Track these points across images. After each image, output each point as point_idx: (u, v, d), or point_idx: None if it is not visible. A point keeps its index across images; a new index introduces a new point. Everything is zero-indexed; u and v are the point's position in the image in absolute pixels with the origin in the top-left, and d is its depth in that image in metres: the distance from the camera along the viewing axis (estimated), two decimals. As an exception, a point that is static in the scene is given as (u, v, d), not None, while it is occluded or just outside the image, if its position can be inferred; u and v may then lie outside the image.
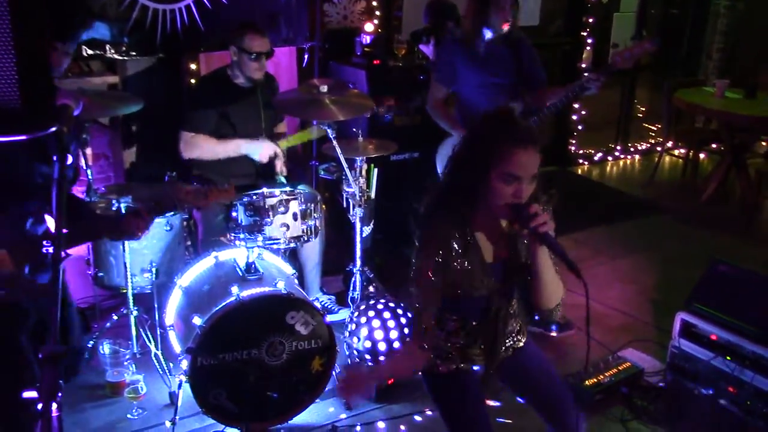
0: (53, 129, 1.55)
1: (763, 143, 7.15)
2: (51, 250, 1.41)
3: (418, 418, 3.54)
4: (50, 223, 2.71)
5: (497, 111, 2.26)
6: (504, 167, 2.11)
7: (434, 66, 4.18)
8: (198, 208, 2.94)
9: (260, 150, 4.01)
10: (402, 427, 3.48)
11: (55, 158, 1.49)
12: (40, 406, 1.21)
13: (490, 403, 3.23)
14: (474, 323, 2.41)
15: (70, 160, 1.56)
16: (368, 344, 3.59)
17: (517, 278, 2.38)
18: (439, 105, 4.13)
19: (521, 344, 2.56)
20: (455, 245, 2.24)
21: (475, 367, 2.49)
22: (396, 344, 3.59)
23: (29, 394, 1.22)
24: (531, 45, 4.10)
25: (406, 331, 3.63)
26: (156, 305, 3.73)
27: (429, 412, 3.57)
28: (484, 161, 2.14)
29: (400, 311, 3.67)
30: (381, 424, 3.49)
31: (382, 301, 3.72)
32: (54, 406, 1.24)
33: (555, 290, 2.31)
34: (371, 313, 3.64)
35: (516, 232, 2.29)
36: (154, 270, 3.68)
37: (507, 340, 2.51)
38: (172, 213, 2.92)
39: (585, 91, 3.79)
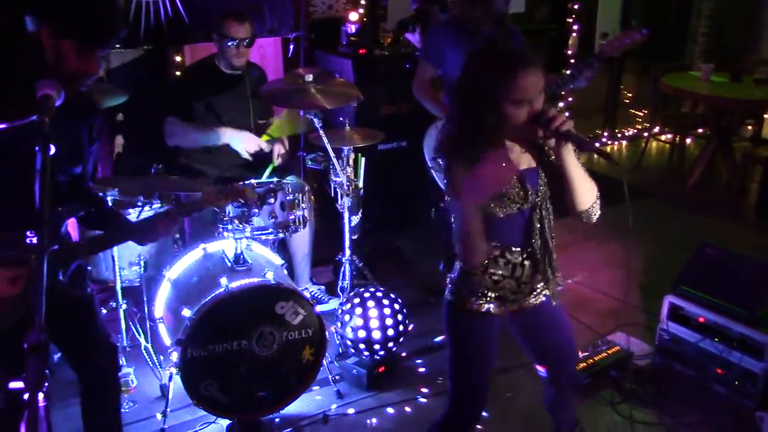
0: (33, 118, 1.54)
1: (749, 127, 7.18)
2: (35, 240, 1.40)
3: (408, 407, 3.55)
4: (72, 227, 2.72)
5: (485, 48, 2.27)
6: (513, 95, 2.15)
7: (423, 46, 4.17)
8: (219, 208, 2.93)
9: (242, 142, 3.98)
10: (396, 414, 3.49)
11: (37, 149, 1.49)
12: (26, 396, 1.21)
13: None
14: (515, 249, 2.39)
15: (52, 150, 1.54)
16: (359, 333, 3.60)
17: (552, 181, 2.36)
18: (425, 86, 4.12)
19: (557, 287, 2.52)
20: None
21: (498, 310, 2.46)
22: (385, 333, 3.60)
23: (15, 385, 1.21)
24: (520, 31, 4.10)
25: (397, 318, 3.64)
26: (145, 298, 3.73)
27: (422, 400, 3.59)
28: (492, 97, 2.16)
29: (389, 299, 3.67)
30: (377, 412, 3.50)
31: (372, 290, 3.72)
32: (41, 396, 1.24)
33: (589, 189, 2.33)
34: (361, 302, 3.65)
35: (540, 139, 2.30)
36: (142, 263, 3.67)
37: (549, 274, 2.46)
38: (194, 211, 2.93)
39: (575, 79, 3.79)
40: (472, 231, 2.25)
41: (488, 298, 2.42)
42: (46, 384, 1.26)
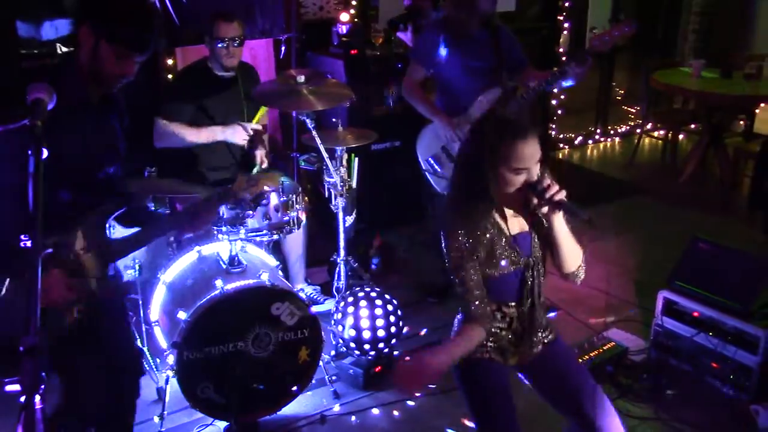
0: (25, 122, 1.54)
1: (740, 122, 7.21)
2: (29, 243, 1.40)
3: (405, 406, 3.56)
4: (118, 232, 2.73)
5: (487, 115, 2.41)
6: (511, 164, 2.26)
7: (414, 47, 4.17)
8: (252, 196, 2.96)
9: (237, 134, 3.98)
10: (393, 414, 3.50)
11: (30, 152, 1.49)
12: (23, 398, 1.21)
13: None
14: (511, 304, 2.46)
15: (45, 154, 1.54)
16: (354, 333, 3.61)
17: (543, 244, 2.47)
18: (416, 87, 4.13)
19: (550, 339, 2.60)
20: (479, 232, 2.36)
21: (500, 360, 2.51)
22: (380, 333, 3.61)
23: (12, 387, 1.21)
24: (510, 31, 4.12)
25: (392, 318, 3.65)
26: (140, 301, 3.72)
27: (416, 401, 3.59)
28: (491, 163, 2.27)
29: (384, 300, 3.68)
30: (374, 411, 3.50)
31: (367, 290, 3.73)
32: (37, 398, 1.24)
33: (576, 253, 2.47)
34: (357, 303, 3.65)
35: (533, 206, 2.38)
36: (137, 266, 3.65)
37: (539, 332, 2.54)
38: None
39: (565, 75, 3.79)
40: (471, 297, 2.36)
41: (489, 348, 2.48)
42: (43, 386, 1.26)
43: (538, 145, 2.29)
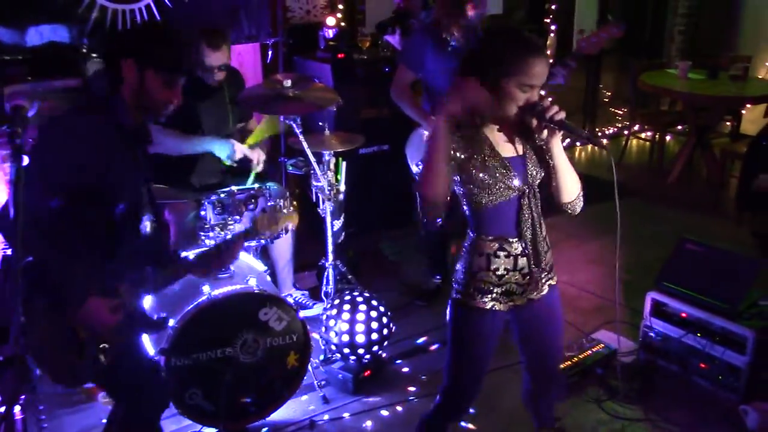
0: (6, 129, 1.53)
1: (727, 123, 7.24)
2: (9, 252, 1.39)
3: (394, 410, 3.55)
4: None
5: (505, 27, 2.34)
6: (522, 78, 2.24)
7: (402, 50, 4.17)
8: (271, 235, 2.96)
9: (228, 151, 3.95)
10: (383, 418, 3.49)
11: (10, 160, 1.47)
12: (2, 409, 1.20)
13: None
14: (512, 240, 2.41)
15: (26, 161, 1.53)
16: (344, 338, 3.59)
17: (540, 167, 2.43)
18: (405, 91, 4.12)
19: (554, 281, 2.58)
20: (480, 156, 2.33)
21: (505, 306, 2.48)
22: (370, 337, 3.60)
23: (-9, 399, 1.20)
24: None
25: (382, 322, 3.64)
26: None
27: (405, 404, 3.58)
28: (498, 76, 2.24)
29: (373, 304, 3.67)
30: (363, 416, 3.49)
31: (356, 294, 3.72)
32: (17, 409, 1.22)
33: (574, 181, 2.45)
34: (345, 307, 3.64)
35: (532, 127, 2.36)
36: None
37: (544, 270, 2.51)
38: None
39: (552, 79, 3.80)
40: (438, 149, 2.23)
41: (495, 294, 2.45)
42: (23, 397, 1.25)
43: (547, 67, 2.29)
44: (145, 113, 2.49)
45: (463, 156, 2.32)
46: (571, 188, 2.44)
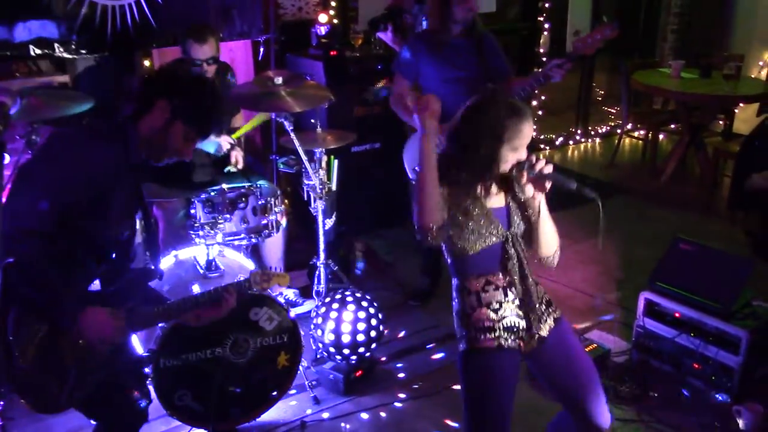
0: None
1: (720, 122, 7.23)
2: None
3: (386, 411, 3.52)
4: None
5: (490, 96, 2.44)
6: (514, 141, 2.36)
7: (397, 59, 4.15)
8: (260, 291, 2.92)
9: (215, 144, 3.92)
10: (375, 418, 3.46)
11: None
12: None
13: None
14: (500, 275, 2.42)
15: (7, 159, 1.49)
16: (334, 337, 3.56)
17: (522, 216, 2.48)
18: (401, 99, 4.10)
19: (558, 315, 2.55)
20: (464, 205, 2.39)
21: (512, 344, 2.42)
22: (360, 337, 3.56)
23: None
24: (494, 39, 4.08)
25: (373, 322, 3.60)
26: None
27: (399, 404, 3.56)
28: (496, 140, 2.35)
29: (365, 303, 3.64)
30: (355, 416, 3.47)
31: (347, 293, 3.69)
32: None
33: (553, 235, 2.53)
34: (337, 306, 3.61)
35: (520, 182, 2.42)
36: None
37: (541, 305, 2.50)
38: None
39: (549, 79, 3.79)
40: (430, 175, 2.29)
41: (498, 331, 2.41)
42: (2, 403, 1.21)
43: (532, 126, 2.42)
44: (151, 151, 2.48)
45: (448, 202, 2.36)
46: (550, 242, 2.52)
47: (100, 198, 2.34)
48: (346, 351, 3.58)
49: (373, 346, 3.65)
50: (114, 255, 2.52)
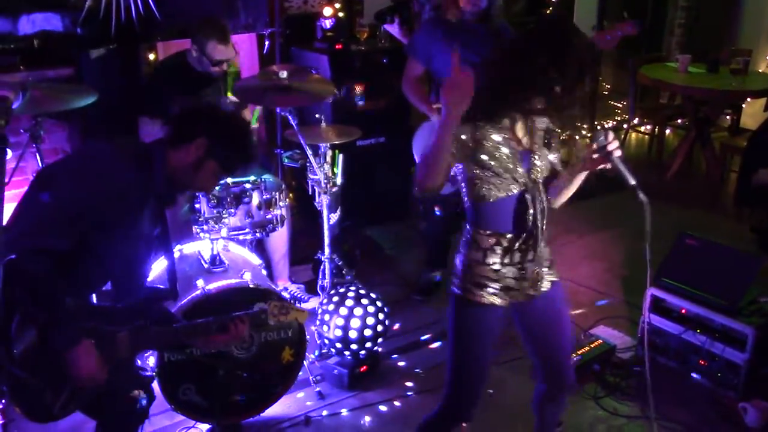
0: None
1: (727, 117, 7.19)
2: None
3: (391, 406, 3.51)
4: None
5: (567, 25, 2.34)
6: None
7: (410, 42, 4.12)
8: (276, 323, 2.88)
9: None
10: (379, 414, 3.45)
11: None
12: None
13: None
14: (509, 235, 2.37)
15: (10, 154, 1.48)
16: (339, 332, 3.55)
17: (546, 163, 2.43)
18: (414, 84, 4.07)
19: (555, 278, 2.55)
20: (490, 144, 2.29)
21: (503, 301, 2.43)
22: (365, 332, 3.55)
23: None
24: (511, 30, 4.05)
25: (378, 317, 3.59)
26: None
27: (402, 399, 3.55)
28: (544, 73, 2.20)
29: (370, 298, 3.63)
30: (359, 412, 3.46)
31: (352, 288, 3.68)
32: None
33: (568, 196, 2.54)
34: (341, 301, 3.60)
35: (580, 149, 2.44)
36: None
37: (542, 268, 2.48)
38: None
39: None
40: (445, 143, 2.15)
41: (492, 289, 2.41)
42: (3, 401, 1.21)
43: None
44: (176, 182, 2.49)
45: (472, 142, 2.26)
46: (562, 199, 2.53)
47: (117, 221, 2.32)
48: (350, 346, 3.57)
49: (378, 341, 3.64)
50: (124, 275, 2.51)
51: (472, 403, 2.57)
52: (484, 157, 2.28)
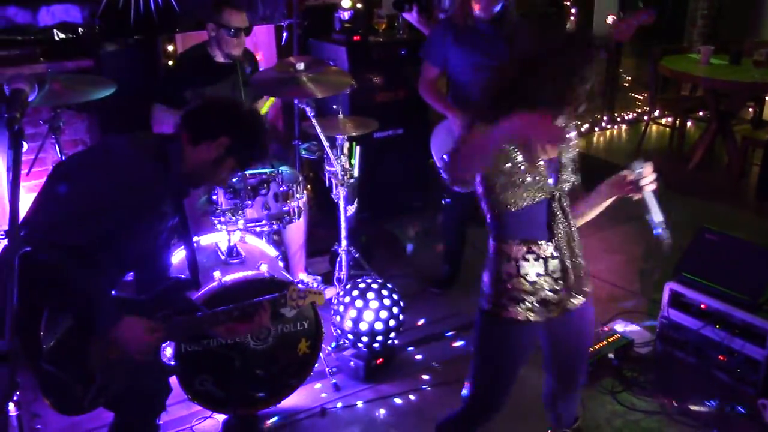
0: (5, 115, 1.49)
1: (749, 109, 7.11)
2: (6, 242, 1.35)
3: (406, 398, 3.51)
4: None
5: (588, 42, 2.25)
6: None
7: (425, 45, 4.12)
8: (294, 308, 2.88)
9: None
10: (394, 406, 3.45)
11: (7, 146, 1.43)
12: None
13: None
14: (541, 242, 2.29)
15: (25, 147, 1.49)
16: (355, 325, 3.55)
17: (573, 175, 2.37)
18: (430, 86, 4.07)
19: (589, 290, 2.46)
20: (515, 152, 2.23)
21: (541, 317, 2.35)
22: (381, 325, 3.55)
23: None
24: (528, 26, 4.03)
25: (394, 310, 3.59)
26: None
27: (418, 392, 3.54)
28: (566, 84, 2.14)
29: (386, 291, 3.62)
30: (375, 404, 3.46)
31: (369, 280, 3.67)
32: (11, 406, 1.19)
33: (586, 220, 2.50)
34: (357, 293, 3.60)
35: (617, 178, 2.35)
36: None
37: (579, 279, 2.38)
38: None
39: None
40: (491, 152, 2.09)
41: (529, 304, 2.31)
42: (18, 393, 1.22)
43: None
44: (193, 177, 2.51)
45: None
46: (584, 221, 2.49)
47: (134, 215, 2.33)
48: (366, 338, 3.57)
49: (394, 334, 3.64)
50: (142, 268, 2.54)
51: (496, 410, 2.50)
52: (508, 165, 2.22)
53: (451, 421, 2.59)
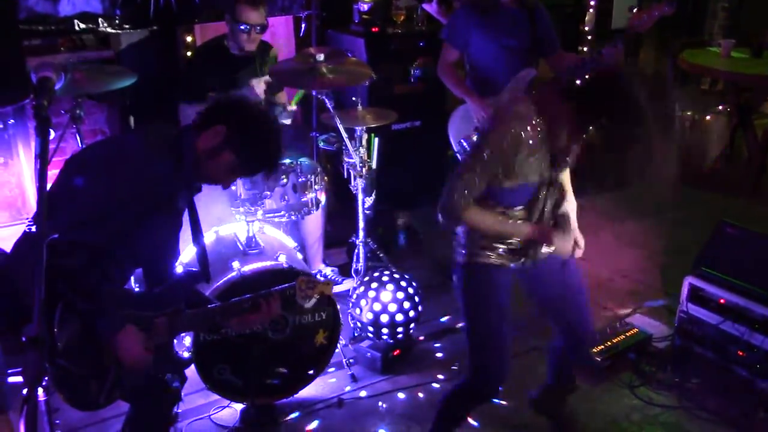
0: (30, 102, 1.50)
1: (771, 103, 7.04)
2: (34, 229, 1.36)
3: (423, 391, 3.52)
4: None
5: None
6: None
7: (447, 27, 4.10)
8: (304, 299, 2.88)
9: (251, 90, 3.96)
10: (412, 397, 3.46)
11: (35, 133, 1.44)
12: (25, 390, 1.17)
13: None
14: (516, 208, 2.46)
15: (52, 134, 1.50)
16: (372, 316, 3.56)
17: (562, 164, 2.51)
18: (449, 68, 4.05)
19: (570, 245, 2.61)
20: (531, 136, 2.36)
21: (510, 262, 2.53)
22: (399, 317, 3.55)
23: (14, 379, 1.17)
24: (546, 11, 4.01)
25: (412, 302, 3.59)
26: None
27: (435, 385, 3.55)
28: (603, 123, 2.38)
29: (404, 282, 3.63)
30: (392, 395, 3.47)
31: (386, 272, 3.68)
32: (40, 391, 1.20)
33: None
34: (375, 285, 3.60)
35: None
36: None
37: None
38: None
39: (603, 61, 3.71)
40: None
41: (500, 251, 2.49)
42: (46, 378, 1.23)
43: None
44: (197, 169, 2.45)
45: (503, 171, 2.38)
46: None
47: (150, 211, 2.33)
48: (384, 330, 3.57)
49: (412, 325, 3.64)
50: (154, 262, 2.53)
51: (499, 376, 2.57)
52: (514, 167, 2.39)
53: (455, 394, 2.62)
